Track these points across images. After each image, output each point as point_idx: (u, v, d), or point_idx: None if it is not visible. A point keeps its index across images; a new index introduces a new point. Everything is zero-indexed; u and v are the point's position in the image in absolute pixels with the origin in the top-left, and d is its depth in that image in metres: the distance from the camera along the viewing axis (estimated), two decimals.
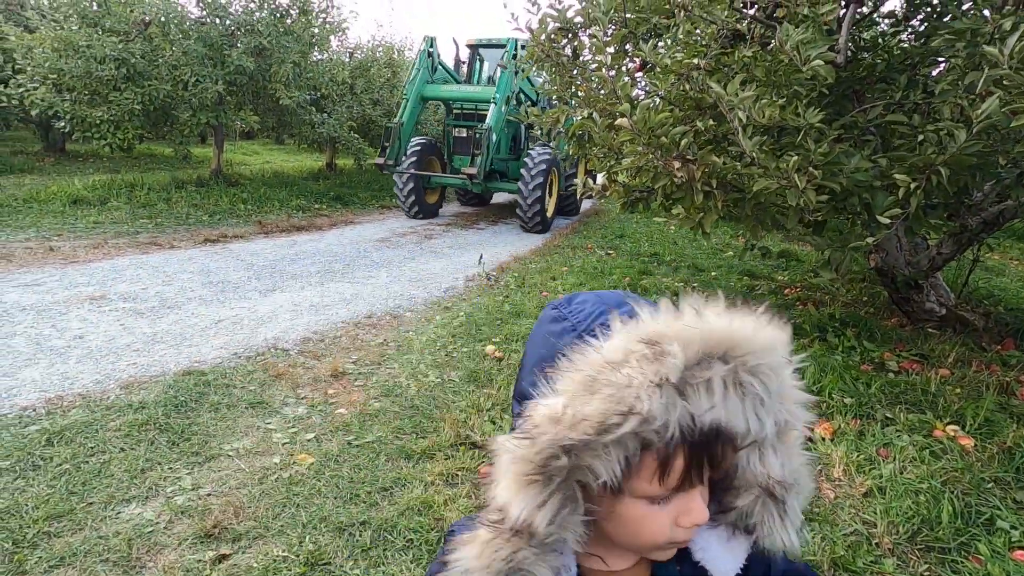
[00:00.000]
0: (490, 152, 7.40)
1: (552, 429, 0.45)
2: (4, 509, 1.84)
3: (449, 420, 2.57)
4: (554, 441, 0.45)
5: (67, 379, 2.75)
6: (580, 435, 0.44)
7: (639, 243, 7.22)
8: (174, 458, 2.20)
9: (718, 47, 2.39)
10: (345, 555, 1.77)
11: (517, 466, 0.47)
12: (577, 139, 3.39)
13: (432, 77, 8.16)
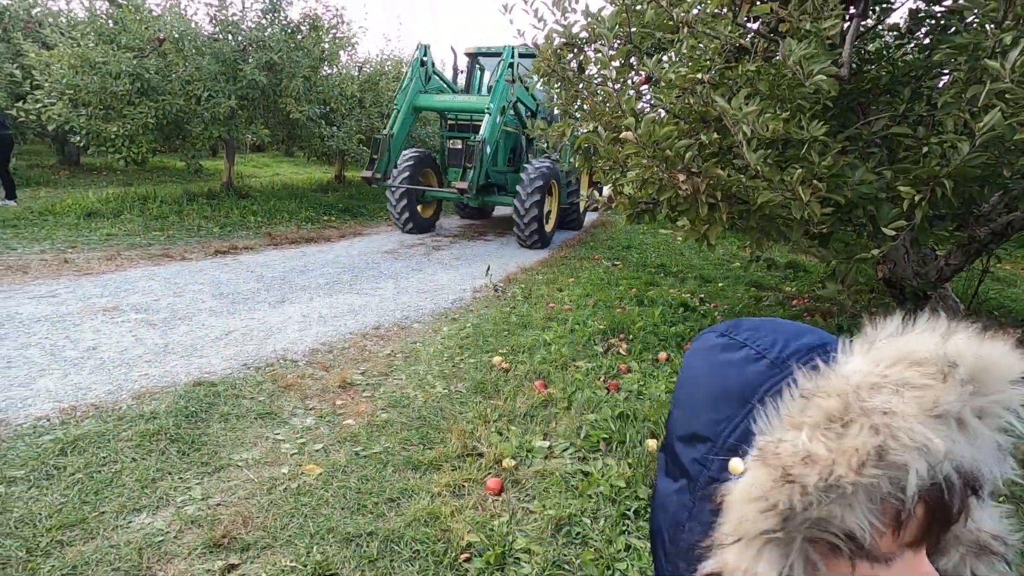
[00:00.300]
0: (484, 165, 7.05)
1: (808, 471, 0.37)
2: (18, 518, 1.87)
3: (456, 431, 2.58)
4: (814, 486, 0.37)
5: (80, 389, 2.80)
6: (850, 475, 0.36)
7: (646, 254, 7.23)
8: (184, 468, 2.22)
9: (722, 61, 2.42)
10: (352, 566, 1.78)
11: (758, 522, 0.39)
12: (583, 152, 3.42)
13: (425, 86, 7.75)
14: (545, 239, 7.50)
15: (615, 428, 2.63)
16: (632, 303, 4.70)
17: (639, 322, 4.09)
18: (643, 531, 1.97)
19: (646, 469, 2.30)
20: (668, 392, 3.03)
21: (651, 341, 3.78)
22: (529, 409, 2.85)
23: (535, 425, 2.71)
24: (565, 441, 2.56)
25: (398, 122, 7.47)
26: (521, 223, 7.20)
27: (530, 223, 7.14)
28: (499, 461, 2.39)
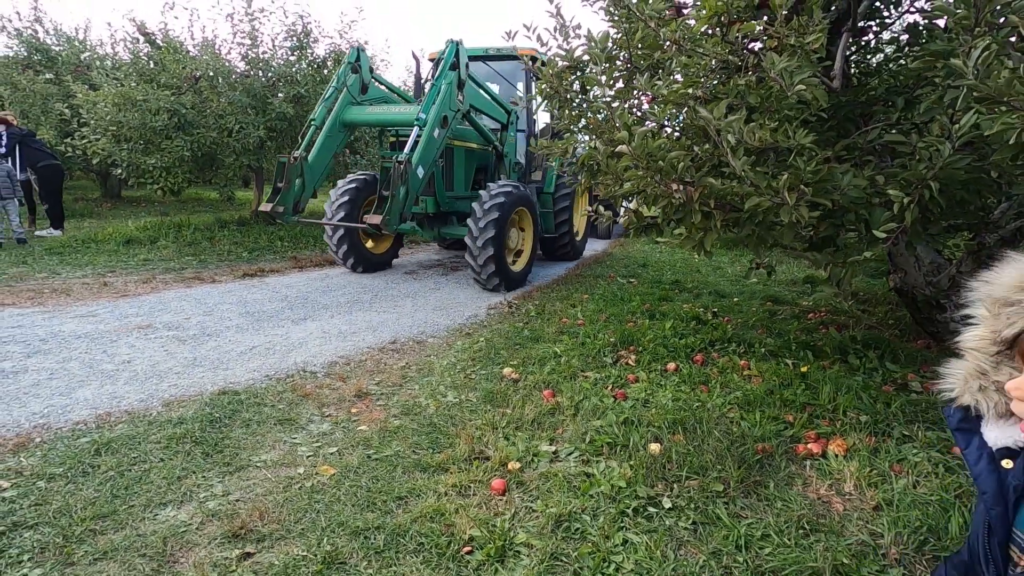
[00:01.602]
0: (415, 190, 5.33)
1: None
2: (56, 509, 2.03)
3: (464, 436, 2.67)
4: None
5: (115, 398, 2.99)
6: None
7: (662, 271, 7.27)
8: (207, 468, 2.36)
9: (714, 77, 2.54)
10: (360, 556, 1.87)
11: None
12: (587, 169, 3.55)
13: (358, 97, 6.13)
14: (511, 279, 5.96)
15: (619, 433, 2.69)
16: (644, 317, 4.75)
17: (649, 334, 4.14)
18: (641, 527, 2.02)
19: (647, 470, 2.35)
20: (675, 400, 3.07)
21: (660, 352, 3.82)
22: (537, 416, 2.92)
23: (542, 431, 2.79)
24: (570, 446, 2.63)
25: (318, 142, 5.81)
26: (474, 263, 5.66)
27: (485, 262, 5.61)
28: (505, 464, 2.46)
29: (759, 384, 3.28)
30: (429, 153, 5.45)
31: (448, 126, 5.59)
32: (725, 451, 2.44)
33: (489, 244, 5.59)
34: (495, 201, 5.66)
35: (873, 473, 2.31)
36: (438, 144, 5.54)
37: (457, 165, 6.70)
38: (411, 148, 5.31)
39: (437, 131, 5.45)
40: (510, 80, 7.50)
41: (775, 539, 1.93)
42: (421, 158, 5.31)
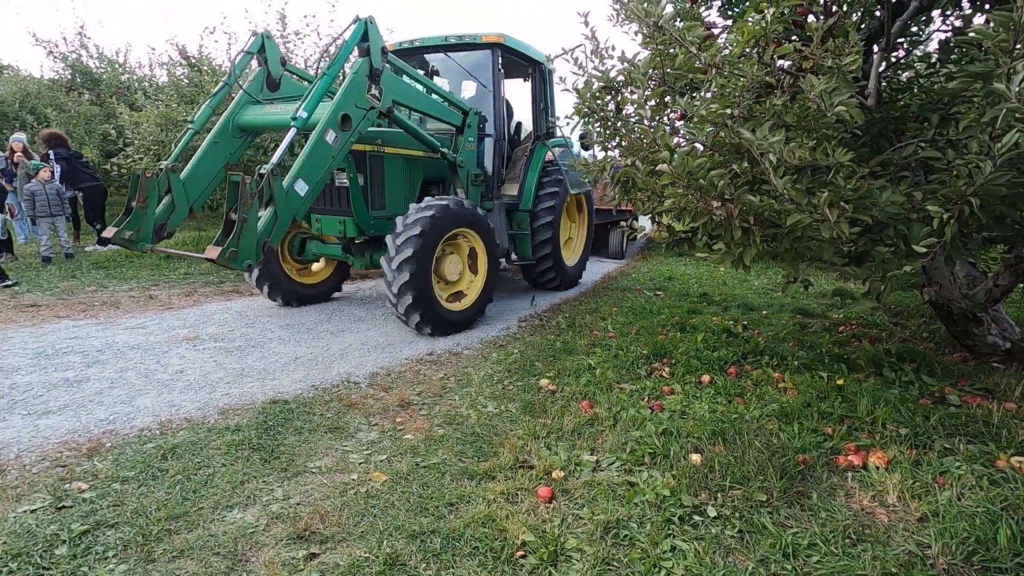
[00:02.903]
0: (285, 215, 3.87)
1: None
2: (133, 510, 2.16)
3: (508, 446, 2.76)
4: None
5: (173, 406, 3.14)
6: None
7: (688, 284, 7.30)
8: (267, 473, 2.48)
9: (750, 98, 2.62)
10: (419, 558, 1.96)
11: None
12: (622, 185, 3.64)
13: (260, 94, 4.77)
14: (441, 320, 4.64)
15: (659, 444, 2.74)
16: (674, 329, 4.79)
17: (681, 347, 4.19)
18: (688, 535, 2.07)
19: (689, 480, 2.40)
20: (711, 412, 3.12)
21: (694, 365, 3.87)
22: (576, 427, 2.99)
23: (582, 441, 2.86)
24: (611, 456, 2.69)
25: (200, 150, 4.53)
26: (389, 290, 4.42)
27: (401, 290, 4.34)
28: (549, 472, 2.54)
29: (795, 396, 3.31)
30: (318, 163, 4.03)
31: (353, 128, 4.19)
32: (766, 462, 2.49)
33: (406, 266, 4.28)
34: (420, 216, 4.42)
35: (916, 485, 2.33)
36: (336, 151, 4.12)
37: (391, 178, 5.14)
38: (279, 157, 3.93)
39: (332, 134, 4.09)
40: (476, 74, 6.00)
41: (822, 548, 1.97)
42: (302, 170, 3.93)
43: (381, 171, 5.10)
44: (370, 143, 4.88)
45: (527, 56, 6.23)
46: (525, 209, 6.35)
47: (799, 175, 2.36)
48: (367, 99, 4.30)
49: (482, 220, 5.02)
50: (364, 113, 4.29)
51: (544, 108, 6.65)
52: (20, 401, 3.14)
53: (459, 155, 5.42)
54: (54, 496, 2.22)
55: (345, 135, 4.20)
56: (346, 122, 4.18)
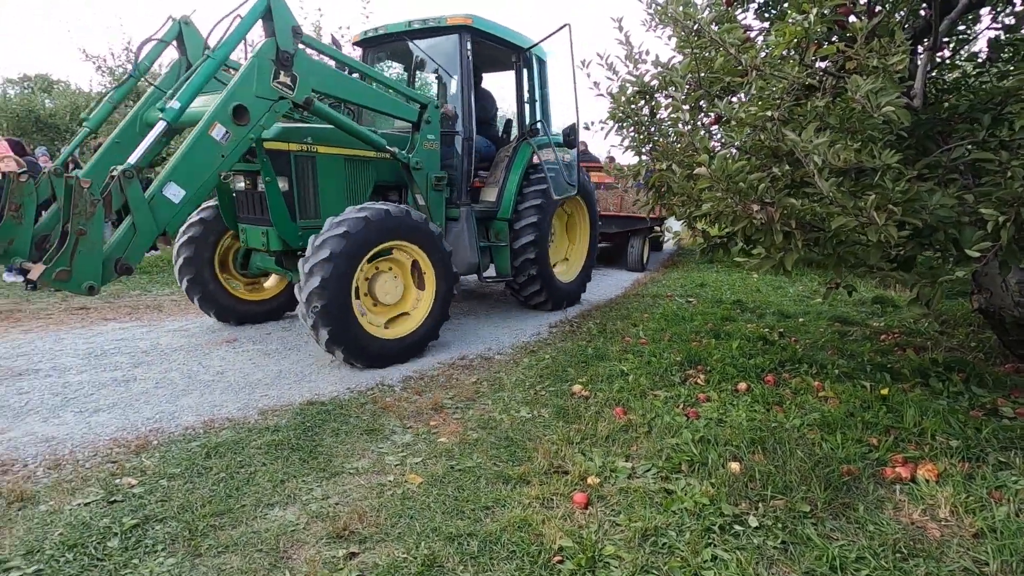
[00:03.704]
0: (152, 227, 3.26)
1: None
2: (179, 505, 2.22)
3: (542, 451, 2.75)
4: None
5: (215, 406, 3.23)
6: None
7: (721, 291, 7.18)
8: (306, 472, 2.53)
9: (791, 100, 2.57)
10: (456, 560, 1.96)
11: None
12: (656, 190, 3.62)
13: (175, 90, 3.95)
14: (372, 353, 3.94)
15: (696, 451, 2.70)
16: (708, 336, 4.71)
17: (716, 354, 4.12)
18: (729, 544, 2.03)
19: (729, 489, 2.35)
20: (749, 420, 3.05)
21: (730, 372, 3.80)
22: (610, 433, 2.97)
23: (617, 448, 2.83)
24: (647, 463, 2.66)
25: (99, 151, 3.94)
26: (302, 311, 3.75)
27: (316, 327, 3.70)
28: (584, 478, 2.52)
29: (836, 406, 3.22)
30: (199, 164, 3.39)
31: (252, 123, 3.54)
32: (809, 472, 2.42)
33: (315, 297, 3.60)
34: (330, 235, 3.68)
35: (970, 500, 2.24)
36: (228, 149, 3.47)
37: (327, 182, 4.38)
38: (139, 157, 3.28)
39: (221, 130, 3.42)
40: (443, 64, 5.25)
41: (871, 562, 1.90)
42: (177, 172, 3.31)
43: (312, 174, 4.33)
44: (297, 141, 4.19)
45: (506, 41, 5.37)
46: (504, 218, 5.48)
47: (843, 178, 2.31)
48: (273, 88, 3.61)
49: (422, 229, 4.14)
50: (269, 105, 3.61)
51: (532, 101, 5.82)
52: (73, 399, 3.27)
53: (414, 155, 4.58)
54: (106, 490, 2.31)
55: (241, 130, 3.51)
56: (241, 115, 3.49)
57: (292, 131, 4.18)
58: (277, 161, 4.13)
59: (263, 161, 4.05)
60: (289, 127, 4.20)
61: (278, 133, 4.08)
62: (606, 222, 8.96)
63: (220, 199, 4.55)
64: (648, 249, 9.75)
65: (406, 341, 4.16)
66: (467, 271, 5.13)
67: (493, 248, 5.58)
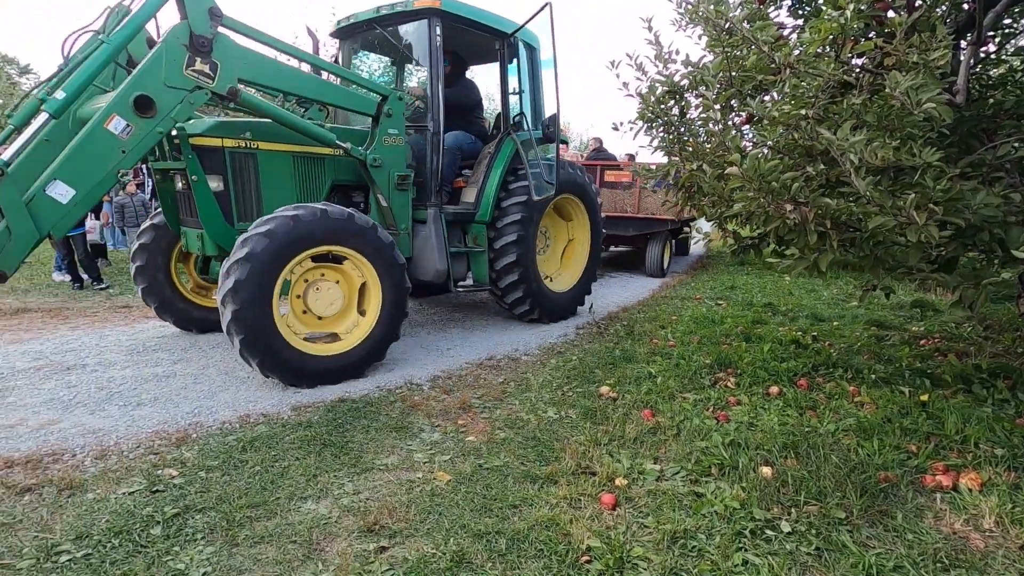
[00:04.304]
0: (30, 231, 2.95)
1: None
2: (218, 496, 2.29)
3: (569, 451, 2.74)
4: None
5: (251, 401, 3.32)
6: None
7: (751, 294, 7.05)
8: (337, 467, 2.58)
9: (825, 98, 2.52)
10: (484, 557, 1.98)
11: None
12: (686, 190, 3.58)
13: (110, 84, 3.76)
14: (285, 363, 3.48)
15: (726, 455, 2.66)
16: (739, 339, 4.64)
17: (747, 357, 4.05)
18: (760, 549, 2.00)
19: (760, 493, 2.31)
20: (781, 424, 2.99)
21: (761, 375, 3.73)
22: (638, 435, 2.95)
23: (645, 449, 2.81)
24: (676, 465, 2.63)
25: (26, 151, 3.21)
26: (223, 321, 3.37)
27: (230, 331, 3.33)
28: (612, 479, 2.51)
29: (873, 411, 3.14)
30: (94, 160, 3.09)
31: (162, 115, 3.21)
32: (844, 478, 2.36)
33: (229, 302, 3.26)
34: (252, 233, 3.36)
35: (1016, 510, 2.16)
36: (131, 144, 3.15)
37: (270, 181, 4.01)
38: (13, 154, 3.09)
39: (120, 123, 3.10)
40: (411, 52, 4.88)
41: (910, 571, 1.85)
42: (65, 169, 3.00)
43: (253, 173, 3.94)
44: (233, 136, 3.81)
45: (484, 26, 4.82)
46: (482, 221, 4.99)
47: (881, 177, 2.25)
48: (187, 76, 3.26)
49: (366, 236, 3.68)
50: (183, 95, 3.27)
51: (520, 92, 5.25)
52: (117, 393, 3.41)
53: (372, 151, 4.17)
54: (148, 480, 2.40)
55: (146, 123, 3.17)
56: (146, 107, 3.16)
57: (227, 125, 3.84)
58: (210, 158, 3.76)
59: (188, 158, 3.69)
60: (225, 121, 3.89)
61: (210, 127, 3.74)
62: (623, 224, 8.55)
63: (162, 201, 4.23)
64: (670, 253, 9.26)
65: (340, 360, 3.68)
66: (435, 279, 4.69)
67: (471, 254, 5.05)
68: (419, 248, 4.66)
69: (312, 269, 3.70)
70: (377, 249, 3.77)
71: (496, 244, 5.00)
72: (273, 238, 3.33)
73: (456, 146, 5.05)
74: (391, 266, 3.85)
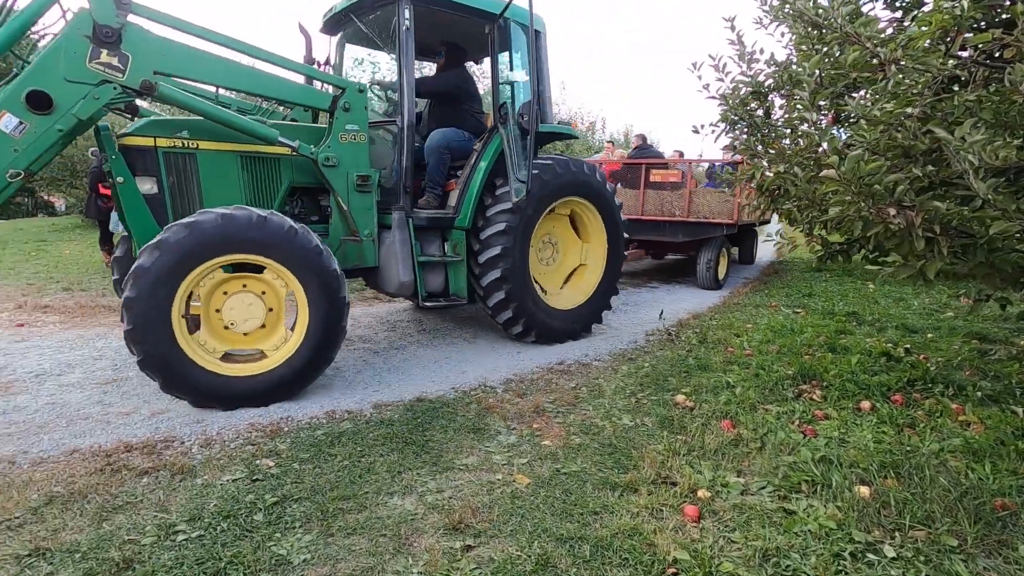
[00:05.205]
0: None
1: None
2: (311, 488, 2.42)
3: (648, 460, 2.70)
4: None
5: (335, 399, 3.48)
6: None
7: (832, 302, 6.67)
8: (419, 465, 2.66)
9: (931, 94, 2.36)
10: (569, 562, 1.98)
11: None
12: (769, 194, 3.45)
13: None
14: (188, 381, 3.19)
15: (817, 472, 2.53)
16: (822, 350, 4.41)
17: (833, 369, 3.84)
18: (862, 572, 1.89)
19: (859, 514, 2.19)
20: (877, 442, 2.82)
21: (850, 389, 3.53)
22: (719, 446, 2.86)
23: (727, 462, 2.72)
24: (761, 480, 2.54)
25: None
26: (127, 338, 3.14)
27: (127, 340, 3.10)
28: (694, 491, 2.45)
29: (982, 432, 2.90)
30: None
31: (62, 111, 2.99)
32: (955, 503, 2.20)
33: (126, 311, 3.03)
34: (152, 242, 3.10)
35: None
36: (24, 144, 2.94)
37: (211, 182, 3.71)
38: None
39: (10, 121, 2.93)
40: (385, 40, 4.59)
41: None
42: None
43: (192, 174, 3.65)
44: (167, 136, 3.54)
45: (467, 7, 4.33)
46: (461, 227, 4.46)
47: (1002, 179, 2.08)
48: (91, 70, 3.03)
49: (281, 241, 3.28)
50: (86, 90, 3.03)
51: (513, 83, 4.74)
52: None
53: (323, 150, 3.83)
54: (249, 469, 2.56)
55: (43, 120, 2.96)
56: (42, 103, 2.94)
57: (160, 124, 3.57)
58: (140, 159, 3.50)
59: (112, 158, 3.42)
60: (158, 120, 3.62)
61: (139, 126, 3.51)
62: (671, 229, 7.75)
63: (115, 202, 3.89)
64: (727, 261, 8.25)
65: (261, 381, 3.33)
66: (399, 292, 4.24)
67: (450, 265, 4.48)
68: (383, 257, 4.20)
69: (232, 280, 3.35)
70: (298, 256, 3.33)
71: (481, 257, 4.43)
72: (165, 250, 3.04)
73: (444, 144, 4.52)
74: (320, 275, 3.39)
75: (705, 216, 7.55)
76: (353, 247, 4.09)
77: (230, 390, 3.27)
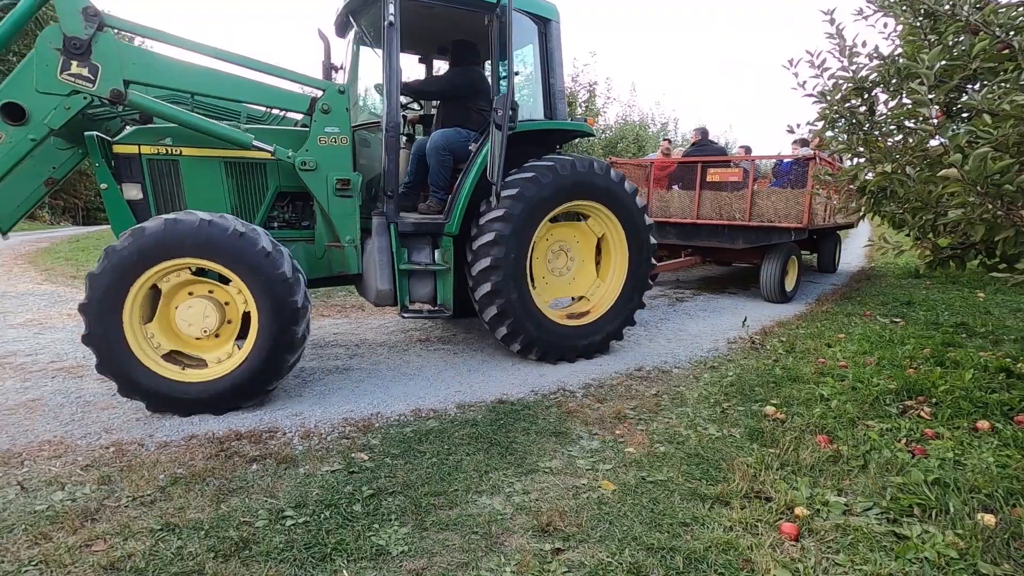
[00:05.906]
0: None
1: None
2: (403, 482, 2.52)
3: (739, 473, 2.61)
4: None
5: (420, 397, 3.60)
6: None
7: (935, 311, 6.16)
8: (505, 466, 2.70)
9: None
10: (661, 572, 1.95)
11: None
12: (871, 196, 3.23)
13: None
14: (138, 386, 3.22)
15: (931, 495, 2.35)
16: (928, 364, 4.08)
17: (942, 385, 3.55)
18: None
19: (984, 544, 2.01)
20: (1000, 466, 2.58)
21: (964, 407, 3.24)
22: (815, 463, 2.71)
23: (825, 479, 2.58)
24: (866, 500, 2.38)
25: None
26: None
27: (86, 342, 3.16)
28: (791, 508, 2.34)
29: None
30: None
31: (35, 122, 3.10)
32: None
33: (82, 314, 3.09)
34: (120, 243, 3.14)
35: None
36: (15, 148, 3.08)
37: (195, 188, 3.76)
38: None
39: None
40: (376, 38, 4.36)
41: None
42: None
43: (175, 181, 3.71)
44: (150, 143, 3.62)
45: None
46: (450, 233, 4.17)
47: None
48: (62, 81, 3.10)
49: (225, 245, 3.17)
50: (57, 101, 3.12)
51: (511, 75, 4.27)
52: (309, 382, 3.89)
53: (301, 153, 3.72)
54: (346, 461, 2.70)
55: (18, 131, 3.08)
56: (16, 114, 3.07)
57: (143, 132, 3.65)
58: (127, 166, 3.61)
59: (96, 165, 3.52)
60: (142, 128, 3.69)
61: (126, 135, 3.62)
62: (730, 235, 7.04)
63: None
64: (797, 272, 7.41)
65: (216, 386, 3.27)
66: (378, 302, 4.00)
67: (438, 273, 4.17)
68: (365, 264, 4.06)
69: (201, 284, 3.36)
70: (244, 260, 3.21)
71: (473, 269, 4.14)
72: (111, 257, 3.09)
73: (444, 145, 4.31)
74: (267, 279, 3.24)
75: (770, 219, 6.74)
76: (338, 253, 4.01)
77: (181, 395, 3.23)
